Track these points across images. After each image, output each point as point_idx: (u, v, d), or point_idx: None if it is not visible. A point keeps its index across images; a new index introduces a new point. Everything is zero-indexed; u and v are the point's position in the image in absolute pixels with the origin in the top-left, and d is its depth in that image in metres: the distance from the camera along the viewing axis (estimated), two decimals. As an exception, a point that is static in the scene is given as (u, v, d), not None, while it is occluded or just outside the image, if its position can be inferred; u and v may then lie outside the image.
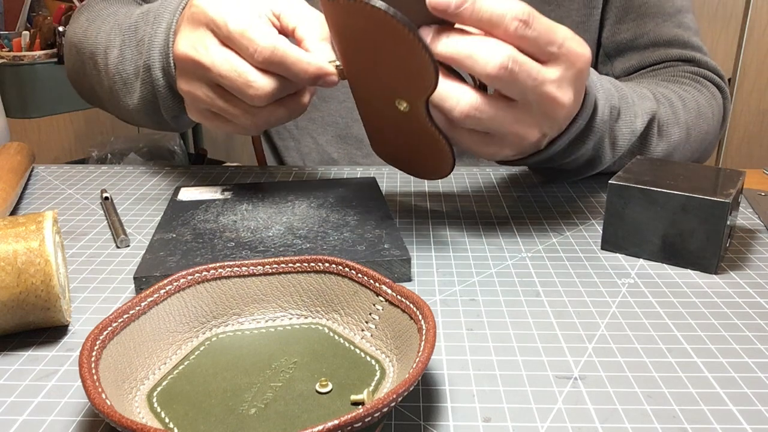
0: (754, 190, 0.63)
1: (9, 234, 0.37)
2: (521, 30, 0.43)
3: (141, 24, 0.60)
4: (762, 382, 0.35)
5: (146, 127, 0.67)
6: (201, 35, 0.48)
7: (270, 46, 0.46)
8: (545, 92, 0.45)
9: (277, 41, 0.47)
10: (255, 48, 0.46)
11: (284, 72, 0.47)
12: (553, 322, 0.40)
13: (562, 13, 0.74)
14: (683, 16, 0.74)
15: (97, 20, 0.68)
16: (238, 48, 0.47)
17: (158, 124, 0.65)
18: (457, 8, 0.42)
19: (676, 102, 0.65)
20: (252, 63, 0.47)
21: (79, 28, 0.69)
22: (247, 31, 0.47)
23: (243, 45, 0.47)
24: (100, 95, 0.69)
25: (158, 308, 0.36)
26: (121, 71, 0.62)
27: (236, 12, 0.48)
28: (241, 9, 0.48)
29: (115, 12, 0.67)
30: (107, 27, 0.65)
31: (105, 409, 0.27)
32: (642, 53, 0.74)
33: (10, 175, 0.57)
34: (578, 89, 0.47)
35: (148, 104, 0.61)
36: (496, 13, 0.42)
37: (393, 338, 0.35)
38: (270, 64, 0.47)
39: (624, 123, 0.57)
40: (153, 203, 0.60)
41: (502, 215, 0.57)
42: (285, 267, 0.39)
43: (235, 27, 0.47)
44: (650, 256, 0.48)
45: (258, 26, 0.47)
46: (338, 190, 0.57)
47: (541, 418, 0.32)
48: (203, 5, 0.48)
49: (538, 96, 0.45)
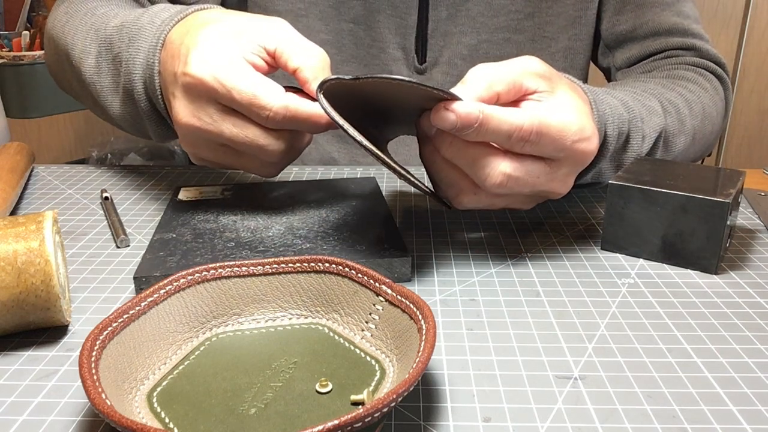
0: (754, 190, 0.63)
1: (9, 234, 0.37)
2: (528, 148, 0.44)
3: (116, 41, 0.57)
4: (762, 382, 0.35)
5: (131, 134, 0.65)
6: (202, 105, 0.46)
7: (282, 108, 0.45)
8: (544, 190, 0.47)
9: (287, 100, 0.45)
10: (267, 114, 0.45)
11: (297, 127, 0.46)
12: (553, 322, 0.40)
13: (559, 8, 0.74)
14: (682, 5, 0.74)
15: (75, 17, 0.65)
16: (248, 114, 0.46)
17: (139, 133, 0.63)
18: (463, 130, 0.42)
19: (683, 108, 0.64)
20: (264, 125, 0.46)
21: (58, 21, 0.67)
22: (256, 97, 0.44)
23: (254, 112, 0.45)
24: (78, 92, 0.67)
25: (158, 308, 0.36)
26: (97, 82, 0.60)
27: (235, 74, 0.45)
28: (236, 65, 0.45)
29: (93, 10, 0.65)
30: (84, 28, 0.62)
31: (105, 409, 0.27)
32: (642, 43, 0.74)
33: (10, 175, 0.57)
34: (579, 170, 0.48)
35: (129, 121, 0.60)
36: (501, 136, 0.43)
37: (393, 338, 0.35)
38: (283, 125, 0.46)
39: (632, 147, 0.58)
40: (153, 203, 0.60)
41: (502, 215, 0.57)
42: (285, 267, 0.39)
43: (242, 96, 0.45)
44: (650, 256, 0.48)
45: (265, 88, 0.45)
46: (338, 190, 0.57)
47: (541, 418, 0.32)
48: (197, 73, 0.45)
49: (537, 192, 0.47)
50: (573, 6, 0.74)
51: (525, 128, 0.42)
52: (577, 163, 0.47)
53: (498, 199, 0.47)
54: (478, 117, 0.41)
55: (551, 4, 0.73)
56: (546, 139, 0.43)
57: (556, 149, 0.44)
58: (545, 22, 0.74)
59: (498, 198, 0.47)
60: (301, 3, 0.74)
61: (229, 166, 0.50)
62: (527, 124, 0.43)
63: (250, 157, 0.48)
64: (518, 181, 0.45)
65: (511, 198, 0.48)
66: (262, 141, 0.46)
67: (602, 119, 0.53)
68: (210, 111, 0.46)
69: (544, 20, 0.74)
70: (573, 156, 0.46)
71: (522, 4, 0.72)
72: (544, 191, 0.47)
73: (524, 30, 0.73)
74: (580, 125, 0.45)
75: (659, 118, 0.60)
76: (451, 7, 0.72)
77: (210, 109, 0.46)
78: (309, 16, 0.74)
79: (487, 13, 0.72)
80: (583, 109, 0.47)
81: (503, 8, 0.72)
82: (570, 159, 0.46)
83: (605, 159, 0.55)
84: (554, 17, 0.74)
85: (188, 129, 0.47)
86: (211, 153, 0.49)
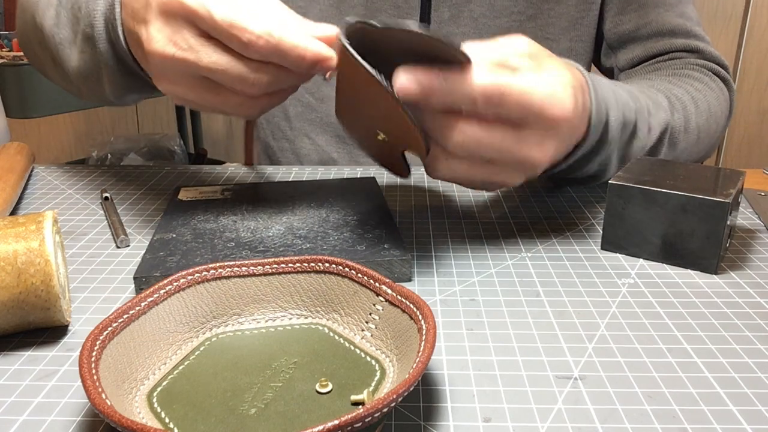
0: (754, 190, 0.63)
1: (9, 234, 0.37)
2: (492, 110, 0.42)
3: None
4: (762, 382, 0.35)
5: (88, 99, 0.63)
6: (179, 28, 0.44)
7: (265, 33, 0.42)
8: (516, 156, 0.45)
9: (271, 26, 0.42)
10: (248, 38, 0.42)
11: (279, 60, 0.44)
12: (553, 322, 0.40)
13: (561, 9, 0.74)
14: (684, 6, 0.74)
15: None
16: (227, 40, 0.43)
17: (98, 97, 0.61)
18: (424, 96, 0.41)
19: (689, 106, 0.64)
20: (244, 54, 0.43)
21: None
22: (236, 20, 0.42)
23: (234, 36, 0.42)
24: (42, 60, 0.65)
25: (158, 308, 0.36)
26: (56, 34, 0.57)
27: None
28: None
29: None
30: None
31: (105, 409, 0.27)
32: (645, 44, 0.74)
33: (10, 175, 0.57)
34: (561, 139, 0.46)
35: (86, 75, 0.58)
36: (464, 100, 0.42)
37: (393, 338, 0.35)
38: (264, 54, 0.43)
39: (638, 140, 0.57)
40: (153, 203, 0.60)
41: (502, 215, 0.57)
42: (285, 267, 0.39)
43: (222, 17, 0.42)
44: (650, 256, 0.48)
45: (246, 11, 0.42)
46: (338, 190, 0.57)
47: (541, 418, 0.32)
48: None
49: (508, 158, 0.45)
50: (575, 7, 0.74)
51: (488, 91, 0.41)
52: (548, 129, 0.44)
53: (475, 169, 0.45)
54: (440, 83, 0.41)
55: (553, 6, 0.73)
56: (509, 99, 0.42)
57: (521, 111, 0.43)
58: (547, 23, 0.74)
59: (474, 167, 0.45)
60: (302, 1, 0.74)
61: (207, 104, 0.47)
62: (490, 85, 0.42)
63: (230, 93, 0.46)
64: (481, 142, 0.43)
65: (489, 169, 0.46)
66: (241, 70, 0.43)
67: (604, 104, 0.51)
68: (187, 36, 0.43)
69: (546, 21, 0.74)
70: (541, 119, 0.44)
71: (524, 5, 0.73)
72: (518, 157, 0.45)
73: (526, 31, 0.73)
74: (550, 89, 0.44)
75: (665, 113, 0.60)
76: (454, 8, 0.72)
77: (187, 34, 0.43)
78: (309, 14, 0.74)
79: (489, 14, 0.72)
80: (564, 81, 0.45)
81: (505, 9, 0.72)
82: (538, 123, 0.44)
83: (609, 146, 0.54)
84: (556, 18, 0.74)
85: (163, 58, 0.44)
86: (188, 88, 0.46)
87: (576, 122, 0.46)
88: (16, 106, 1.57)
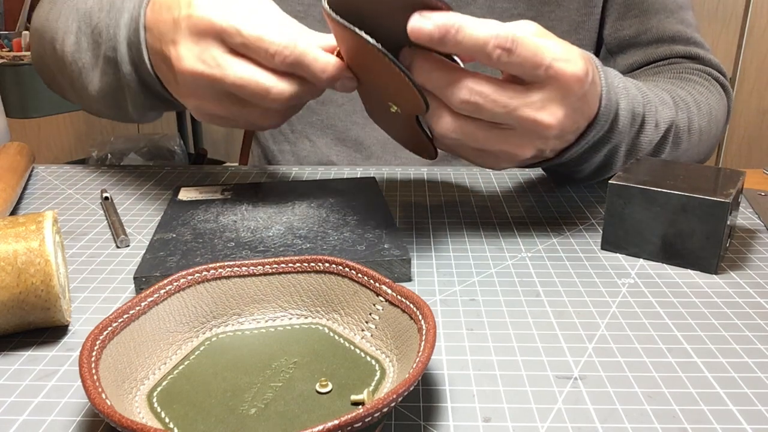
0: (754, 190, 0.63)
1: (9, 234, 0.37)
2: (504, 57, 0.42)
3: (95, 11, 0.57)
4: (762, 382, 0.35)
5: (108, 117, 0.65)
6: (207, 46, 0.46)
7: (290, 44, 0.44)
8: (524, 116, 0.44)
9: (296, 39, 0.45)
10: (274, 50, 0.44)
11: (302, 72, 0.46)
12: (553, 322, 0.40)
13: (562, 13, 0.74)
14: (685, 13, 0.74)
15: (58, 3, 0.65)
16: (255, 53, 0.45)
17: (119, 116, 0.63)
18: (441, 39, 0.41)
19: (693, 107, 0.64)
20: (269, 66, 0.46)
21: (43, 12, 0.67)
22: (263, 34, 0.44)
23: (261, 49, 0.45)
24: (62, 83, 0.67)
25: (158, 308, 0.36)
26: (78, 59, 0.59)
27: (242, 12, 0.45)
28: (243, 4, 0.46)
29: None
30: (66, 12, 0.62)
31: (105, 409, 0.27)
32: (646, 49, 0.74)
33: (10, 175, 0.57)
34: (572, 106, 0.46)
35: (108, 96, 0.59)
36: (478, 43, 0.42)
37: (393, 338, 0.35)
38: (289, 65, 0.45)
39: (645, 133, 0.56)
40: (153, 203, 0.60)
41: (502, 215, 0.57)
42: (285, 267, 0.39)
43: (250, 32, 0.45)
44: (650, 256, 0.48)
45: (274, 26, 0.45)
46: (338, 190, 0.57)
47: (541, 418, 0.32)
48: (205, 13, 0.46)
49: (516, 120, 0.44)
50: (576, 11, 0.74)
51: (501, 35, 0.41)
52: (558, 89, 0.44)
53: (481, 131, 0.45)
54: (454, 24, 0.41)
55: (554, 9, 0.73)
56: (522, 50, 0.42)
57: (533, 66, 0.43)
58: (548, 26, 0.74)
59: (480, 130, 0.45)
60: (300, 6, 0.74)
61: (233, 119, 0.49)
62: (503, 32, 0.42)
63: (254, 107, 0.48)
64: (487, 98, 0.43)
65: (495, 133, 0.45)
66: (267, 83, 0.45)
67: (615, 93, 0.51)
68: (215, 53, 0.46)
69: (547, 24, 0.73)
70: (554, 78, 0.43)
71: (525, 8, 0.72)
72: (527, 119, 0.44)
73: None
74: (562, 50, 0.43)
75: (670, 110, 0.60)
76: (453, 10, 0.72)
77: (215, 51, 0.46)
78: (308, 18, 0.74)
79: (489, 16, 0.72)
80: (575, 50, 0.45)
81: (506, 12, 0.72)
82: (551, 82, 0.44)
83: (618, 134, 0.53)
84: (557, 22, 0.74)
85: (192, 75, 0.47)
86: (215, 104, 0.48)
87: (587, 89, 0.46)
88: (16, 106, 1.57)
